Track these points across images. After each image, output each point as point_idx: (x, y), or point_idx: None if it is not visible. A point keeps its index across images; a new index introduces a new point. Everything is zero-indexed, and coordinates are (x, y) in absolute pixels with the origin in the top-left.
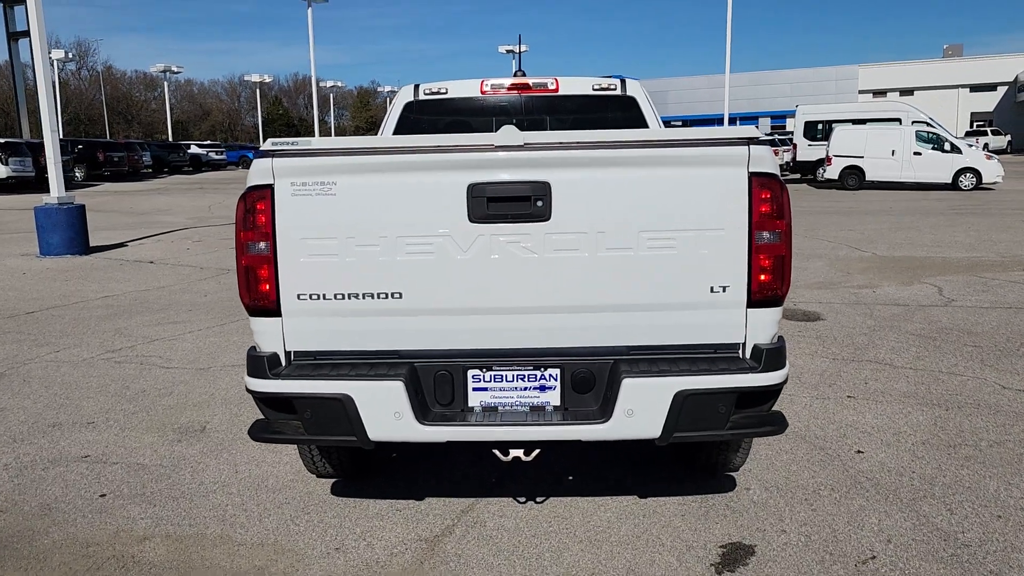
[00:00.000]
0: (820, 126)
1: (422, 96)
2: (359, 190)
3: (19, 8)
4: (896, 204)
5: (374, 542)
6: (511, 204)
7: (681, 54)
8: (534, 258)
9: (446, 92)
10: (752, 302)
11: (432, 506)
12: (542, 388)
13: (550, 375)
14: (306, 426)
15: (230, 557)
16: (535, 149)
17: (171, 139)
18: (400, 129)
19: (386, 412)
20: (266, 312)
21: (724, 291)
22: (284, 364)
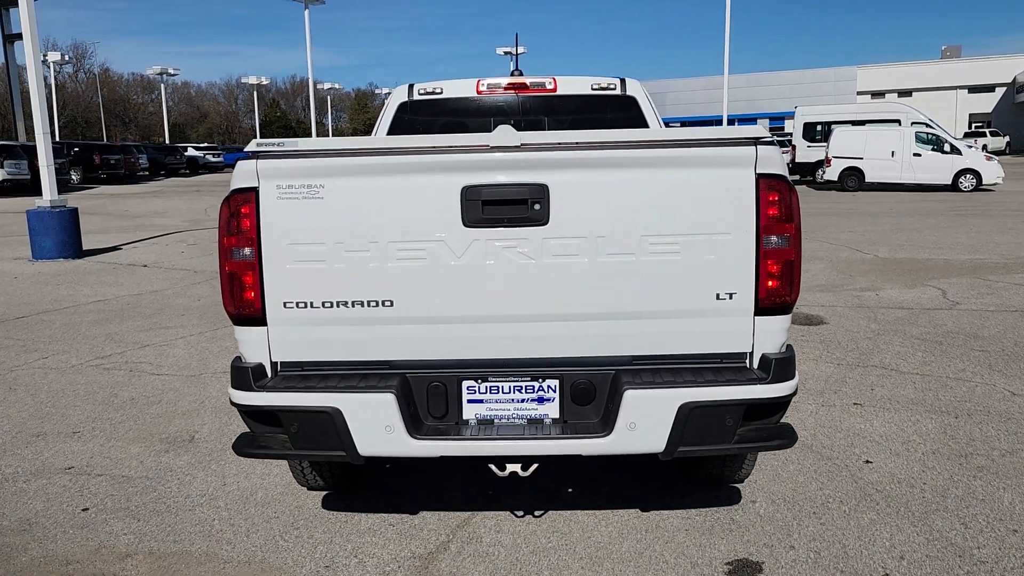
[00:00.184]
0: (819, 127)
1: (417, 96)
2: (348, 193)
3: (14, 10)
4: (896, 205)
5: (366, 559)
6: (507, 207)
7: (679, 56)
8: (531, 264)
9: (441, 92)
10: (760, 309)
11: (426, 520)
12: (540, 400)
13: (548, 386)
14: (293, 440)
15: None
16: (532, 150)
17: (168, 141)
18: (394, 130)
19: (376, 426)
20: (251, 321)
21: (731, 298)
22: (270, 375)
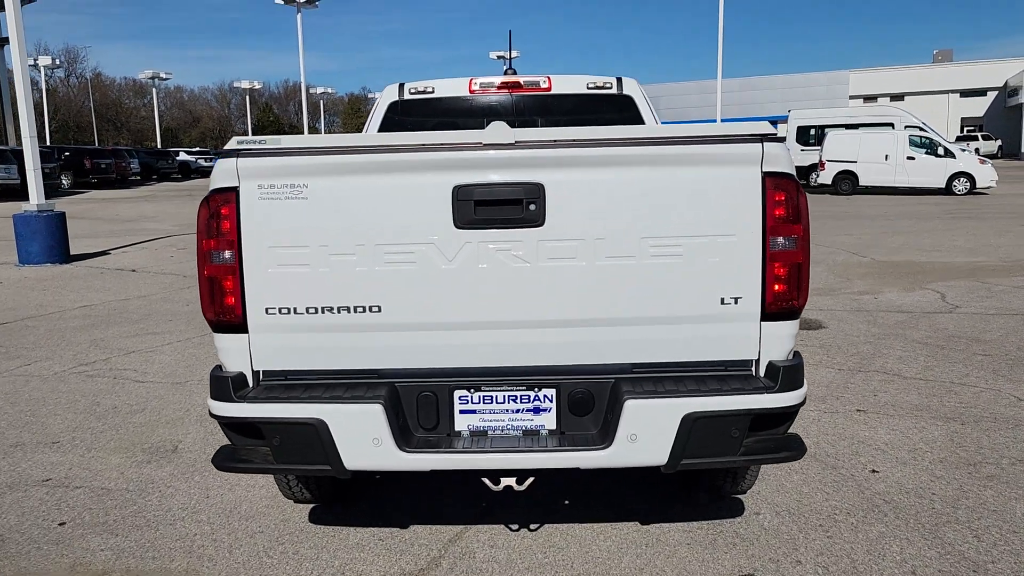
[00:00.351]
0: (812, 131)
1: (407, 96)
2: (333, 193)
3: (2, 14)
4: (891, 209)
5: None
6: (501, 208)
7: (672, 60)
8: (526, 267)
9: (433, 91)
10: (766, 315)
11: (417, 535)
12: (536, 410)
13: (545, 396)
14: (275, 454)
15: None
16: (527, 147)
17: (160, 146)
18: (384, 131)
19: (363, 438)
20: (231, 328)
21: (736, 303)
22: (251, 385)
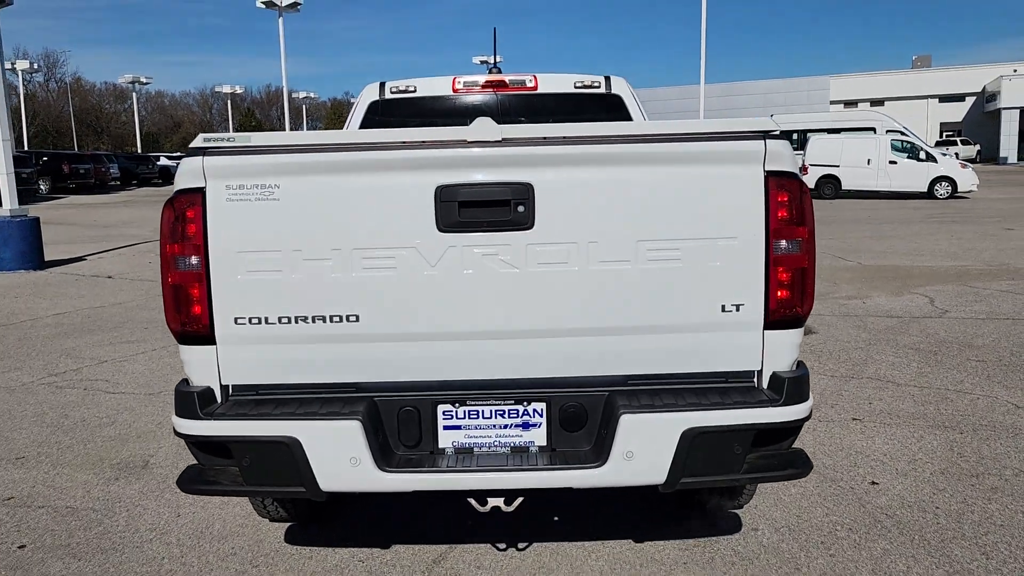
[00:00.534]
0: (795, 136)
1: (388, 95)
2: (307, 194)
3: None
4: (874, 213)
5: None
6: (487, 209)
7: (655, 66)
8: (514, 273)
9: (415, 91)
10: (770, 323)
11: (400, 555)
12: (525, 426)
13: (534, 410)
14: (245, 475)
15: None
16: (515, 145)
17: (141, 151)
18: None
19: (340, 457)
20: (198, 339)
21: (737, 310)
22: (220, 401)
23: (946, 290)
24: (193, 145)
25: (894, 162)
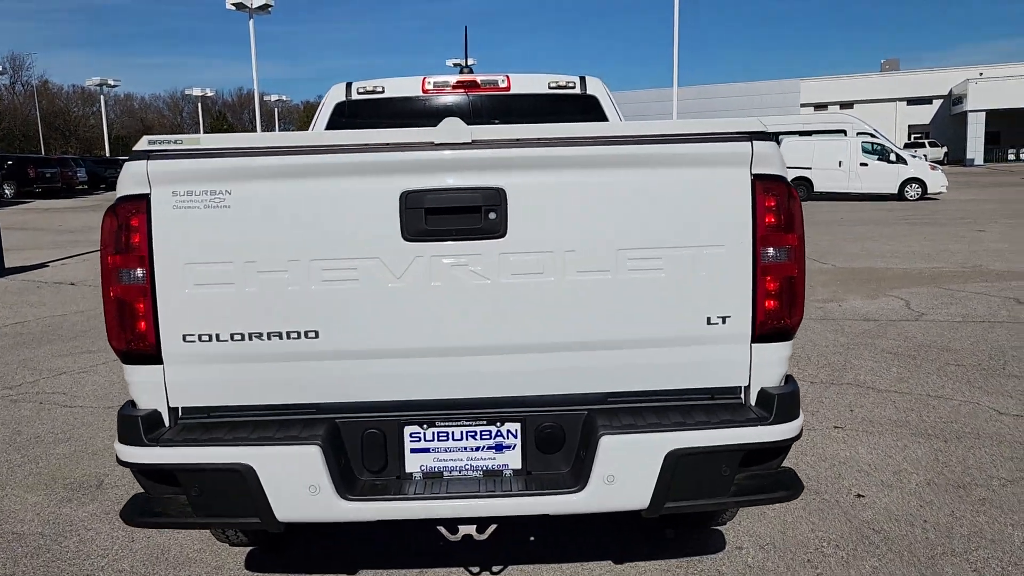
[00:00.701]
0: None
1: (356, 96)
2: (261, 201)
3: None
4: (846, 215)
5: None
6: (456, 217)
7: (629, 69)
8: (486, 284)
9: (383, 91)
10: (758, 336)
11: None
12: (498, 448)
13: (508, 431)
14: (194, 505)
15: None
16: (486, 147)
17: (109, 155)
18: None
19: (298, 485)
20: (143, 358)
21: (724, 323)
22: (168, 425)
23: (921, 292)
24: (137, 148)
25: (865, 164)
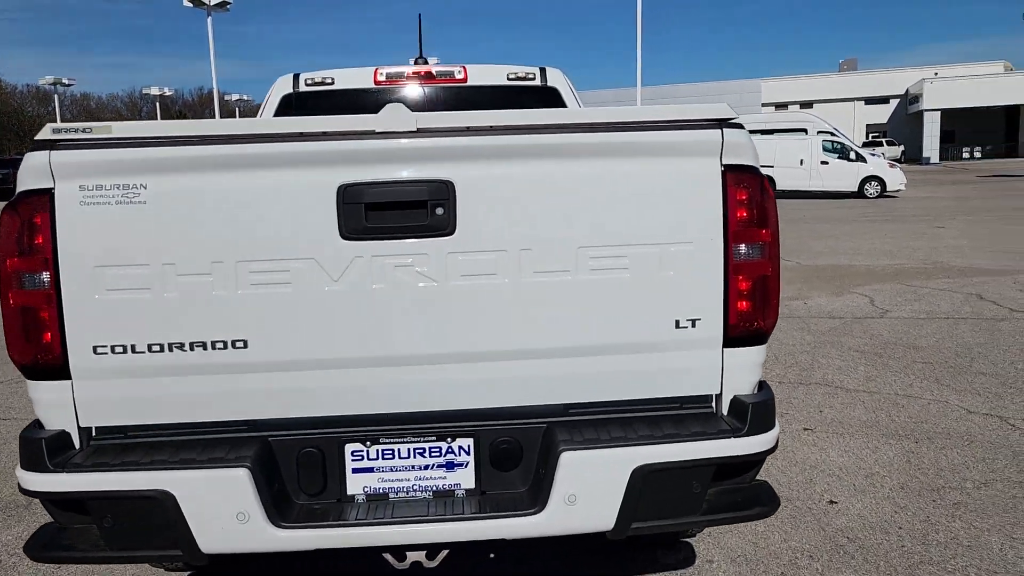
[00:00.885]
0: None
1: (303, 88)
2: (181, 196)
3: None
4: (808, 212)
5: None
6: (399, 212)
7: (591, 69)
8: (433, 287)
9: (332, 82)
10: (730, 339)
11: None
12: (449, 465)
13: (460, 447)
14: (107, 537)
15: None
16: (432, 135)
17: None
18: None
19: (224, 513)
20: (49, 373)
21: (693, 326)
22: (79, 447)
23: (885, 289)
24: (39, 137)
25: (826, 162)
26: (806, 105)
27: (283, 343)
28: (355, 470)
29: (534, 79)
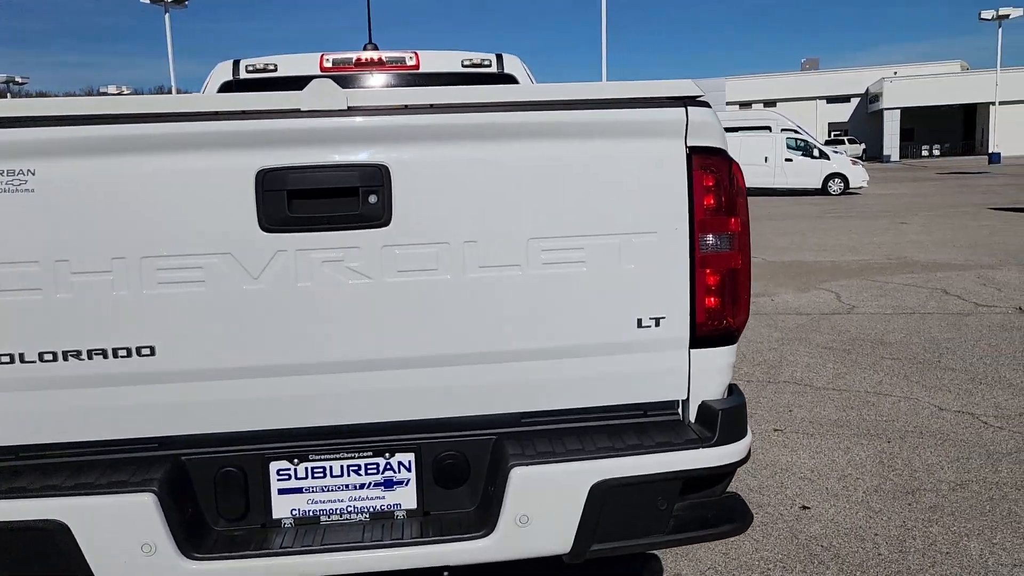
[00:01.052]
0: None
1: (243, 74)
2: (75, 183)
3: None
4: (773, 209)
5: None
6: (328, 201)
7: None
8: (367, 284)
9: (275, 69)
10: (697, 339)
11: None
12: (388, 484)
13: (400, 463)
14: None
15: None
16: (365, 114)
17: None
18: None
19: (127, 545)
20: None
21: (657, 324)
22: None
23: (851, 285)
24: None
25: (790, 160)
26: (769, 104)
27: (196, 350)
28: (281, 491)
29: (490, 66)
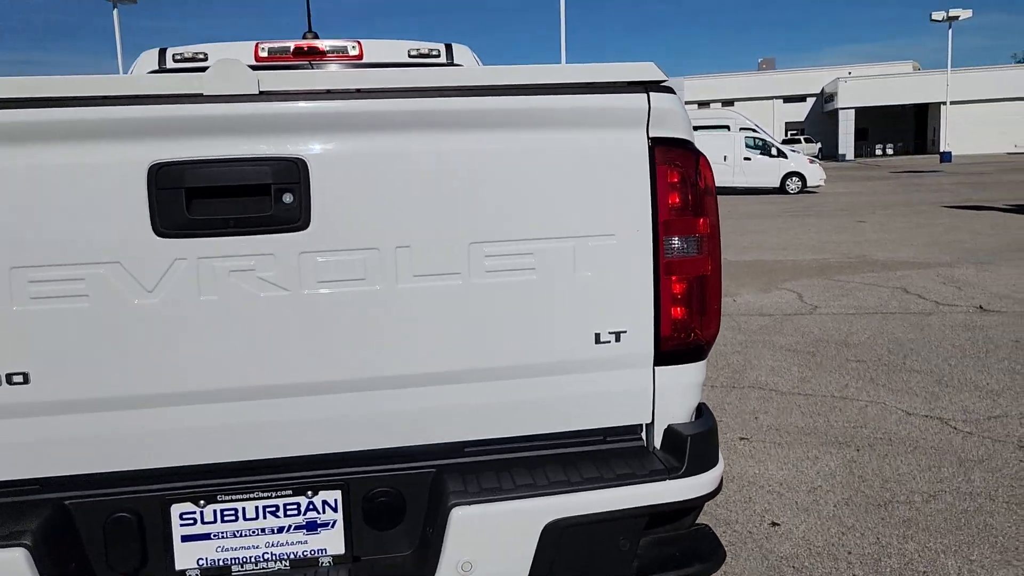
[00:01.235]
0: None
1: (170, 64)
2: None
3: None
4: (733, 208)
5: None
6: (235, 201)
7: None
8: (282, 297)
9: (205, 59)
10: (662, 355)
11: None
12: (311, 526)
13: (325, 503)
14: None
15: None
16: (280, 99)
17: None
18: None
19: None
20: None
21: (617, 340)
22: None
23: (812, 284)
24: None
25: (748, 159)
26: (728, 103)
27: (79, 376)
28: (185, 538)
29: (439, 56)
